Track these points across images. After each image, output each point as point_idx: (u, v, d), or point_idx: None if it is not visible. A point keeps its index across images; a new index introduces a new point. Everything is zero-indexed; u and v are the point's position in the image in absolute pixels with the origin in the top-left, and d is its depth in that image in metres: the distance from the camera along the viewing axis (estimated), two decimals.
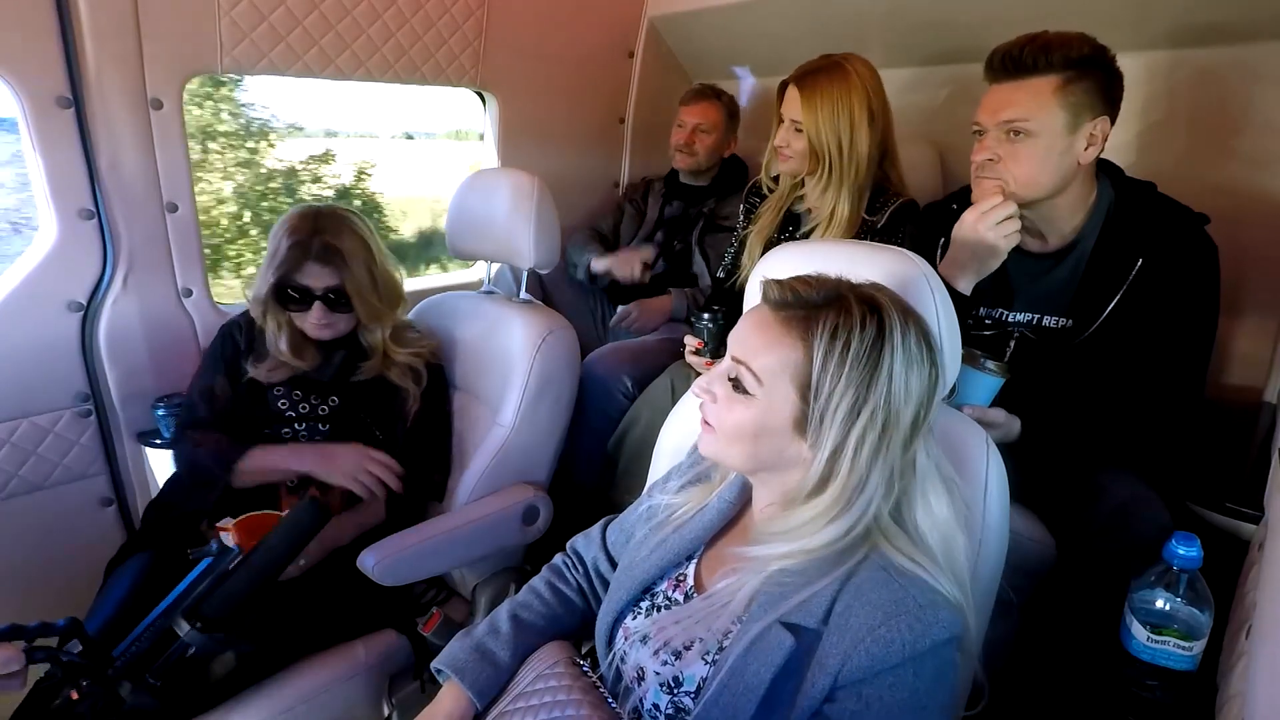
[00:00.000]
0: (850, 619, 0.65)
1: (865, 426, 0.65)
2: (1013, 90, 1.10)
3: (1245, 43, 1.39)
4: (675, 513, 0.86)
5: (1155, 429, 1.14)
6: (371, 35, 1.65)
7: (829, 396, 0.65)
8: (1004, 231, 1.12)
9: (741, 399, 0.70)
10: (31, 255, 1.38)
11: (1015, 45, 1.10)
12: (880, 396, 0.65)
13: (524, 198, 1.40)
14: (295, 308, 1.29)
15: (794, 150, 1.48)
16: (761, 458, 0.72)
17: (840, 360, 0.65)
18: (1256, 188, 1.42)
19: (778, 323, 0.69)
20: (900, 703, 0.64)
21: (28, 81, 1.27)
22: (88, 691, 0.80)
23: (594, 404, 1.69)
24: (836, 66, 1.43)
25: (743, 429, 0.70)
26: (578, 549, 1.01)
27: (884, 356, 0.65)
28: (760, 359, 0.69)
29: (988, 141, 1.14)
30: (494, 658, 0.85)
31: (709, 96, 2.04)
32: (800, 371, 0.67)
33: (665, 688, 0.75)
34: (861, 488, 0.67)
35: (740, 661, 0.68)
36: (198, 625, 0.85)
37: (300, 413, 1.34)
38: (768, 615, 0.68)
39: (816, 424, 0.67)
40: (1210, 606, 0.89)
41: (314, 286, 1.27)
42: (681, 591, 0.82)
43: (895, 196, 1.48)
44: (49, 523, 1.47)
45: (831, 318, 0.66)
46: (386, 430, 1.36)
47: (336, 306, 1.30)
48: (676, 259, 2.08)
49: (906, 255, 0.85)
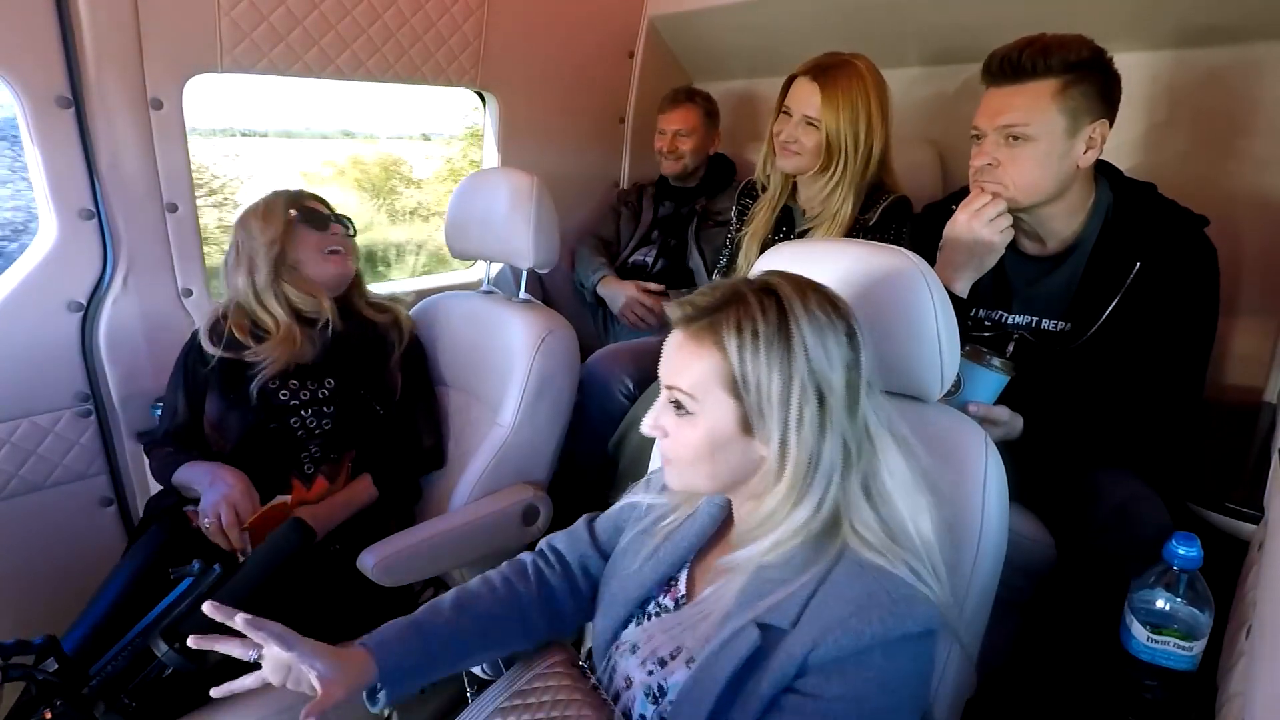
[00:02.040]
0: (822, 611, 0.66)
1: (800, 401, 0.67)
2: (1011, 94, 1.10)
3: (1248, 42, 1.39)
4: (665, 519, 0.85)
5: (1154, 430, 1.14)
6: (371, 35, 1.65)
7: (757, 386, 0.67)
8: (999, 227, 1.13)
9: (687, 421, 0.71)
10: (31, 255, 1.38)
11: (1013, 49, 1.09)
12: (803, 369, 0.67)
13: (523, 197, 1.40)
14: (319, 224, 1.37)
15: (804, 146, 1.45)
16: (725, 473, 0.73)
17: (754, 349, 0.67)
18: (1259, 188, 1.42)
19: (690, 339, 0.71)
20: (866, 679, 0.64)
21: (28, 81, 1.27)
22: (61, 711, 0.81)
23: (594, 404, 1.69)
24: (850, 64, 1.43)
25: (698, 449, 0.71)
26: (558, 548, 0.96)
27: (792, 331, 0.67)
28: (686, 377, 0.70)
29: (986, 146, 1.14)
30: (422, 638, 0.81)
31: (684, 101, 2.03)
32: (724, 374, 0.68)
33: (650, 697, 0.75)
34: (816, 462, 0.68)
35: (711, 658, 0.69)
36: (175, 645, 0.85)
37: (303, 400, 1.35)
38: (744, 615, 0.69)
39: (758, 417, 0.68)
40: (1210, 606, 0.89)
41: (321, 209, 1.39)
42: (673, 598, 0.82)
43: (887, 194, 1.48)
44: (49, 523, 1.47)
45: (733, 314, 0.68)
46: (384, 403, 1.39)
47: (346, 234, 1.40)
48: (673, 254, 2.10)
49: (904, 254, 0.85)
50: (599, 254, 2.13)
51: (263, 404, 1.32)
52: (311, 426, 1.34)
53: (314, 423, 1.34)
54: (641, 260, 2.14)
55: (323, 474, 1.34)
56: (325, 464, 1.35)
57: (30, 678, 0.81)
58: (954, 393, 1.05)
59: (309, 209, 1.38)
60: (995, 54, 1.12)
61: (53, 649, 0.83)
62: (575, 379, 1.48)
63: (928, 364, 0.84)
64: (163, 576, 1.11)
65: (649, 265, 2.12)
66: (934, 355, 0.84)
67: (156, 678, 0.86)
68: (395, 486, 1.38)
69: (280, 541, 0.92)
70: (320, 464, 1.35)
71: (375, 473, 1.36)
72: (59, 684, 0.82)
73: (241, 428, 1.32)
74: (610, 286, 2.03)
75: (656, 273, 2.11)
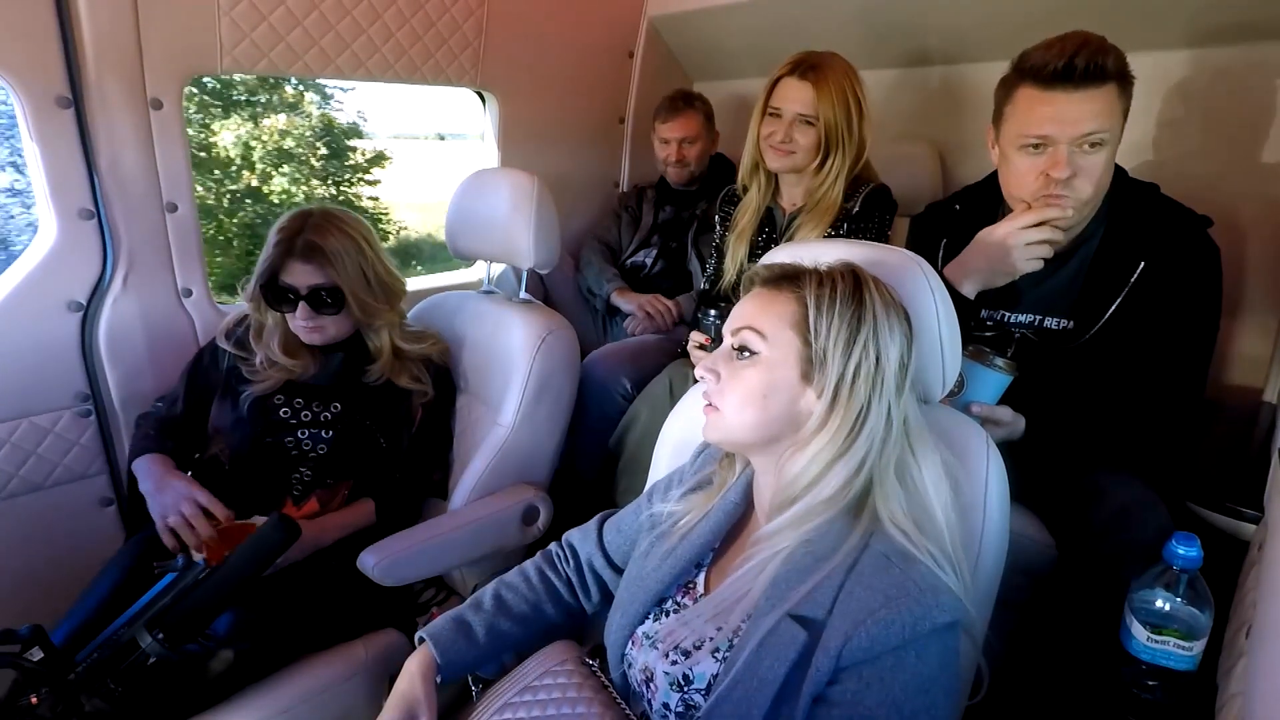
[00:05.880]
0: (851, 603, 0.67)
1: (860, 356, 0.72)
2: (1086, 100, 1.04)
3: (1259, 41, 1.39)
4: (680, 521, 0.87)
5: (1155, 431, 1.13)
6: (371, 35, 1.65)
7: (827, 332, 0.72)
8: (1033, 253, 1.10)
9: (747, 363, 0.76)
10: (31, 255, 1.37)
11: (1076, 51, 1.03)
12: (869, 329, 0.72)
13: (524, 197, 1.40)
14: (282, 308, 1.28)
15: (799, 145, 1.47)
16: (771, 421, 0.75)
17: (830, 301, 0.73)
18: (1262, 188, 1.42)
19: (769, 291, 0.77)
20: (902, 684, 0.64)
21: (28, 81, 1.27)
22: (45, 698, 0.83)
23: (593, 403, 1.69)
24: (833, 58, 1.46)
25: (752, 391, 0.75)
26: (573, 543, 1.02)
27: (865, 298, 0.74)
28: (762, 318, 0.76)
29: (1063, 156, 1.06)
30: (469, 630, 0.90)
31: (683, 108, 2.02)
32: (799, 318, 0.74)
33: (675, 686, 0.75)
34: (864, 419, 0.72)
35: (754, 656, 0.69)
36: (159, 636, 0.87)
37: (303, 420, 1.33)
38: (777, 609, 0.69)
39: (820, 361, 0.72)
40: (1210, 606, 0.89)
41: (299, 285, 1.25)
42: (692, 598, 0.82)
43: (866, 182, 1.50)
44: (49, 523, 1.47)
45: (815, 274, 0.76)
46: (390, 437, 1.36)
47: (323, 307, 1.27)
48: (673, 257, 2.10)
49: (906, 254, 0.86)
50: (609, 262, 2.13)
51: (260, 416, 1.32)
52: (306, 449, 1.33)
53: (309, 445, 1.33)
54: (640, 261, 2.14)
55: (316, 498, 1.32)
56: (319, 489, 1.32)
57: (17, 665, 0.82)
58: (956, 393, 1.05)
59: (278, 291, 1.26)
60: (1053, 56, 1.04)
61: (39, 638, 0.84)
62: (576, 379, 1.48)
63: (929, 364, 0.84)
64: (151, 571, 1.12)
65: (647, 266, 2.12)
66: (935, 355, 0.84)
67: (140, 667, 0.87)
68: (397, 517, 1.33)
69: (265, 537, 0.92)
70: (313, 488, 1.32)
71: (378, 501, 1.33)
72: (43, 672, 0.83)
73: (239, 437, 1.32)
74: (626, 297, 2.03)
75: (654, 274, 2.11)
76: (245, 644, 1.09)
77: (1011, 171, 1.14)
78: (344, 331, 1.33)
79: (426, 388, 1.38)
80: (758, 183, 1.59)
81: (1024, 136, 1.09)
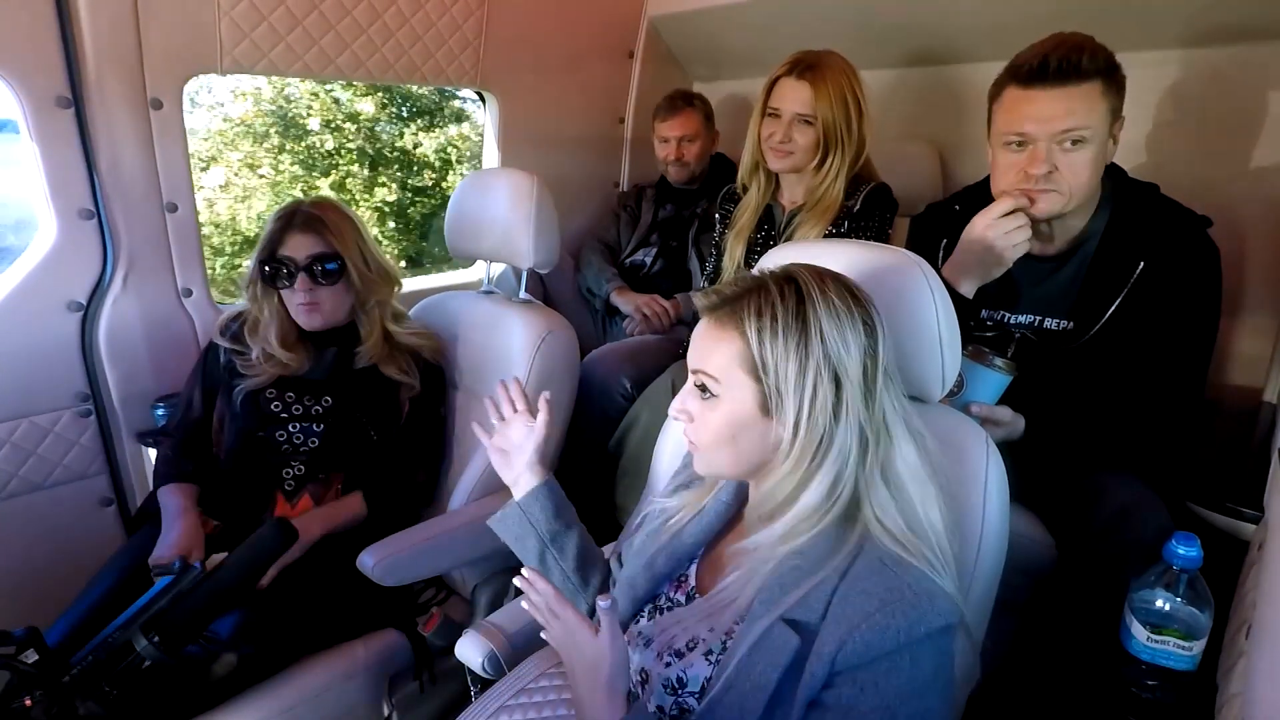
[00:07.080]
0: (846, 607, 0.66)
1: (815, 383, 0.69)
2: (1064, 97, 1.05)
3: (1259, 42, 1.39)
4: (672, 519, 0.87)
5: (1155, 431, 1.13)
6: (371, 35, 1.65)
7: (775, 368, 0.69)
8: (1012, 240, 1.11)
9: (710, 404, 0.74)
10: (31, 255, 1.37)
11: (1052, 50, 1.05)
12: (818, 352, 0.69)
13: (523, 197, 1.40)
14: (282, 284, 1.29)
15: (799, 145, 1.47)
16: (746, 455, 0.74)
17: (772, 332, 0.69)
18: (1261, 188, 1.42)
19: (714, 325, 0.74)
20: (897, 688, 0.64)
21: (28, 81, 1.27)
22: (40, 700, 0.83)
23: (593, 404, 1.69)
24: (831, 57, 1.46)
25: (720, 432, 0.73)
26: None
27: (809, 317, 0.69)
28: (711, 361, 0.73)
29: (1041, 152, 1.08)
30: None
31: (682, 106, 2.02)
32: (745, 357, 0.71)
33: (669, 689, 0.75)
34: (827, 445, 0.69)
35: (746, 660, 0.68)
36: (155, 639, 0.86)
37: (294, 414, 1.33)
38: (770, 613, 0.69)
39: (776, 398, 0.70)
40: (1210, 606, 0.89)
41: (297, 256, 1.27)
42: (683, 592, 0.82)
43: (867, 181, 1.50)
44: (49, 523, 1.47)
45: (754, 300, 0.71)
46: (382, 430, 1.36)
47: (322, 278, 1.28)
48: (673, 256, 2.10)
49: (905, 254, 0.86)
50: (609, 262, 2.13)
51: (252, 410, 1.32)
52: (297, 442, 1.33)
53: (300, 439, 1.33)
54: (640, 260, 2.14)
55: (309, 494, 1.32)
56: (312, 483, 1.32)
57: (11, 667, 0.82)
58: (956, 393, 1.05)
59: (276, 265, 1.28)
60: (1031, 56, 1.07)
61: (33, 640, 0.84)
62: (575, 379, 1.48)
63: (929, 364, 0.84)
64: (148, 573, 1.13)
65: (646, 265, 2.12)
66: (935, 355, 0.84)
67: (135, 670, 0.87)
68: (386, 509, 1.33)
69: (262, 540, 0.92)
70: (305, 482, 1.32)
71: (367, 492, 1.33)
72: (37, 674, 0.83)
73: (234, 432, 1.32)
74: (625, 297, 2.03)
75: (654, 274, 2.11)
76: (249, 648, 1.09)
77: (996, 169, 1.17)
78: (340, 311, 1.33)
79: (414, 381, 1.37)
80: (758, 182, 1.59)
81: (1005, 134, 1.12)
